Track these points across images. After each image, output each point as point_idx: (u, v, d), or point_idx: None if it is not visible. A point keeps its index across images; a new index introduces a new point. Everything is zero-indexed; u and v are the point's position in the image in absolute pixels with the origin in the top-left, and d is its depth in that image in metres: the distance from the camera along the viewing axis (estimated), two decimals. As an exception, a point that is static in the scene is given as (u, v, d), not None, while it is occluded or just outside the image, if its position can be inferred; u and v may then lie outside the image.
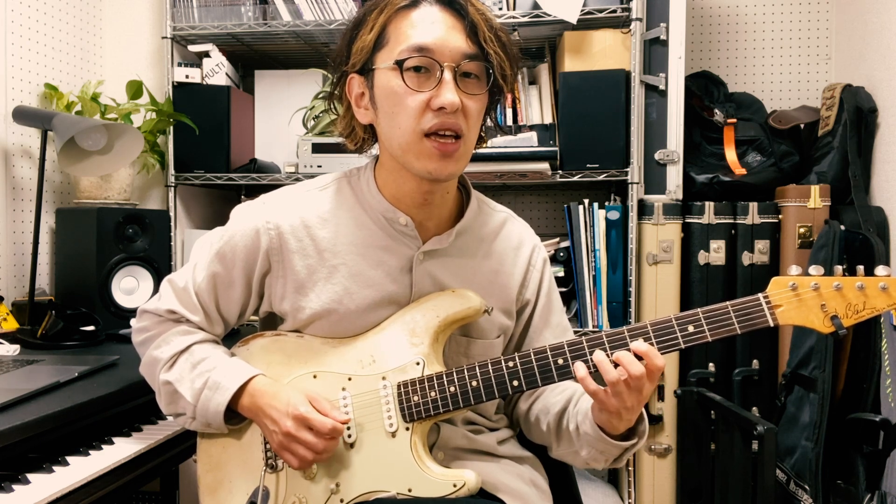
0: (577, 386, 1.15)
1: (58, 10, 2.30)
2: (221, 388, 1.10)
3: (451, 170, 1.07)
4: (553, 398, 1.18)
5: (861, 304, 0.98)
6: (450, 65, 1.03)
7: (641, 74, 2.07)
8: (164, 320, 1.19)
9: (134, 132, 1.98)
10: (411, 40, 1.03)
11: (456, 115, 1.03)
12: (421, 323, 1.10)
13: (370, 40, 1.06)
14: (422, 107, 1.03)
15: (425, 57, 1.03)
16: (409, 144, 1.05)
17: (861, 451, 1.81)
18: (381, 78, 1.06)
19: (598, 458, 1.09)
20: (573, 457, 1.14)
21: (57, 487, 1.08)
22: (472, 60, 1.05)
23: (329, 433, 1.03)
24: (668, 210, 2.08)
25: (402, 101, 1.04)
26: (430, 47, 1.03)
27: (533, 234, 1.27)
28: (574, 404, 1.13)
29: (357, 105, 1.13)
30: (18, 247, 2.13)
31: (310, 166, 2.18)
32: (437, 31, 1.04)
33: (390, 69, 1.04)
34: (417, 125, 1.04)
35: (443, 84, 1.02)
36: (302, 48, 2.37)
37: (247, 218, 1.15)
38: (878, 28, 2.11)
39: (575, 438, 1.10)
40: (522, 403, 1.23)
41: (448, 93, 1.02)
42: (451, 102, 1.02)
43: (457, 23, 1.05)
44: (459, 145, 1.06)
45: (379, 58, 1.07)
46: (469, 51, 1.04)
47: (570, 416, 1.12)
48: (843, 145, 2.10)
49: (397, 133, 1.06)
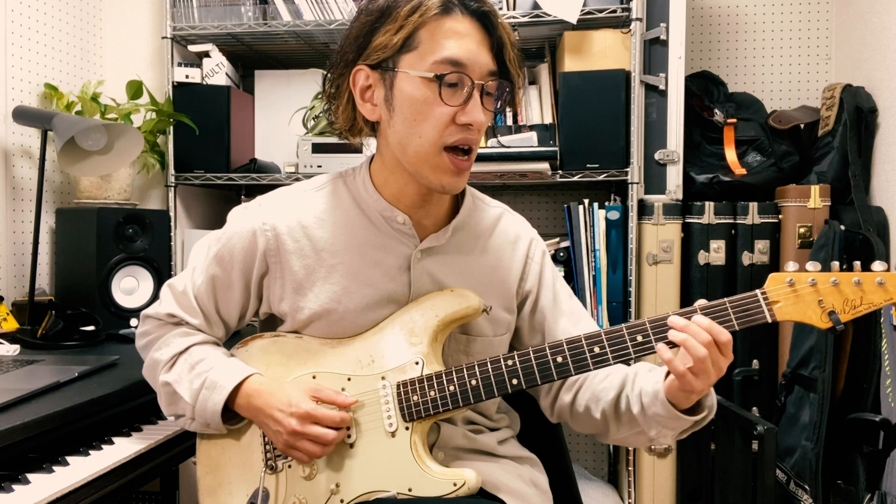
0: (626, 370, 1.14)
1: (58, 10, 2.31)
2: (218, 387, 1.10)
3: (462, 184, 1.10)
4: (599, 385, 1.16)
5: (858, 299, 0.98)
6: (479, 83, 1.03)
7: (641, 74, 2.07)
8: (164, 324, 1.20)
9: (134, 132, 1.98)
10: (446, 52, 1.02)
11: (478, 131, 1.05)
12: (420, 322, 1.10)
13: (398, 40, 1.03)
14: (447, 121, 1.03)
15: (460, 73, 1.02)
16: (426, 155, 1.05)
17: (861, 451, 1.81)
18: (406, 83, 1.04)
19: (667, 434, 1.08)
20: (636, 437, 1.12)
21: (57, 487, 1.08)
22: (495, 80, 1.05)
23: (339, 423, 1.04)
24: (668, 210, 2.08)
25: (429, 111, 1.03)
26: (465, 62, 1.02)
27: (529, 228, 1.27)
28: (631, 387, 1.11)
29: (362, 98, 1.10)
30: (18, 247, 2.13)
31: (310, 166, 2.18)
32: (470, 45, 1.03)
33: (425, 78, 1.02)
34: (440, 138, 1.04)
35: (472, 101, 1.03)
36: (302, 48, 2.37)
37: (243, 220, 1.16)
38: (878, 28, 2.11)
39: (641, 420, 1.08)
40: (565, 395, 1.20)
41: (478, 112, 1.03)
42: (480, 122, 1.03)
43: (484, 38, 1.04)
44: (471, 160, 1.08)
45: (405, 60, 1.04)
46: (493, 68, 1.05)
47: (631, 400, 1.09)
48: (843, 145, 2.10)
49: (416, 141, 1.05)
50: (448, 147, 1.05)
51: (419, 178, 1.08)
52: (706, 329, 0.97)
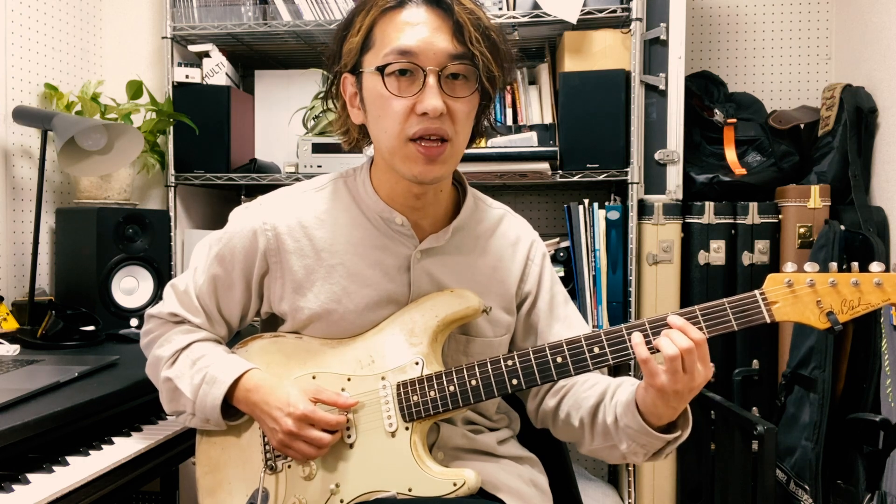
0: (610, 380, 1.14)
1: (58, 10, 2.31)
2: (218, 381, 1.10)
3: (436, 173, 1.06)
4: (584, 393, 1.15)
5: (856, 299, 0.98)
6: (433, 69, 1.02)
7: (641, 74, 2.07)
8: (166, 322, 1.20)
9: (134, 132, 1.98)
10: (394, 43, 1.02)
11: (441, 119, 1.02)
12: (420, 323, 1.10)
13: (357, 42, 1.06)
14: (406, 112, 1.03)
15: (409, 62, 1.02)
16: (395, 148, 1.05)
17: (861, 451, 1.81)
18: (367, 81, 1.06)
19: (637, 451, 1.06)
20: (609, 451, 1.11)
21: (57, 487, 1.08)
22: (458, 62, 1.03)
23: (335, 427, 1.05)
24: (668, 210, 2.08)
25: (387, 105, 1.03)
26: (414, 51, 1.02)
27: (530, 229, 1.27)
28: (610, 397, 1.10)
29: (351, 105, 1.13)
30: (18, 247, 2.13)
31: (310, 166, 2.18)
32: (422, 33, 1.02)
33: (375, 73, 1.04)
34: (402, 130, 1.03)
35: (426, 89, 1.01)
36: (302, 48, 2.37)
37: (244, 220, 1.16)
38: (878, 28, 2.11)
39: (613, 432, 1.08)
40: (550, 400, 1.20)
41: (431, 98, 1.01)
42: (434, 108, 1.01)
43: (443, 23, 1.03)
44: (445, 148, 1.05)
45: (366, 60, 1.06)
46: (455, 51, 1.03)
47: (607, 410, 1.09)
48: (843, 145, 2.10)
49: (384, 136, 1.06)
50: (413, 138, 1.03)
51: (397, 171, 1.08)
52: (680, 328, 0.97)
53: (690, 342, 0.96)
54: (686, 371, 0.96)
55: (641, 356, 0.98)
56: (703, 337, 0.97)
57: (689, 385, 0.97)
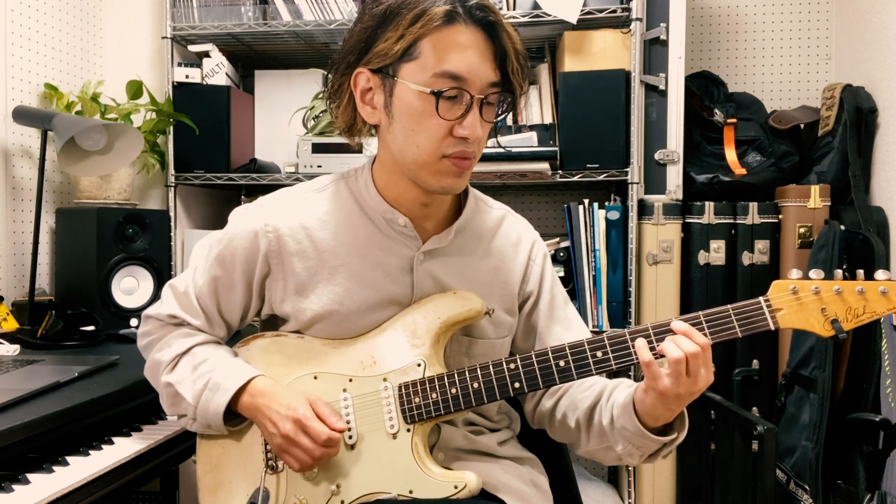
0: (607, 381, 1.15)
1: (58, 10, 2.30)
2: (221, 389, 1.10)
3: (463, 184, 1.10)
4: (581, 394, 1.16)
5: (861, 308, 0.98)
6: (478, 97, 1.02)
7: (641, 74, 2.07)
8: (165, 324, 1.20)
9: (134, 132, 1.98)
10: (445, 66, 1.01)
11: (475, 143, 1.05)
12: (422, 324, 1.10)
13: (399, 49, 1.01)
14: (445, 133, 1.03)
15: (459, 88, 1.01)
16: (426, 163, 1.05)
17: (861, 451, 1.81)
18: (405, 92, 1.03)
19: (633, 453, 1.06)
20: (605, 453, 1.12)
21: (57, 487, 1.08)
22: (496, 91, 1.05)
23: (325, 443, 1.02)
24: (668, 210, 2.08)
25: (426, 123, 1.03)
26: (465, 76, 1.01)
27: (532, 230, 1.27)
28: (607, 399, 1.11)
29: (362, 100, 1.09)
30: (18, 247, 2.12)
31: (310, 166, 2.18)
32: (471, 58, 1.01)
33: (422, 93, 1.02)
34: (437, 149, 1.04)
35: (471, 116, 1.02)
36: (302, 48, 2.37)
37: (245, 221, 1.15)
38: (878, 28, 2.11)
39: (609, 433, 1.08)
40: (547, 401, 1.21)
41: (476, 127, 1.03)
42: (478, 137, 1.03)
43: (488, 47, 1.03)
44: (472, 162, 1.08)
45: (405, 70, 1.03)
46: (495, 80, 1.04)
47: (604, 411, 1.10)
48: (843, 145, 2.10)
49: (414, 150, 1.05)
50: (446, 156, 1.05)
51: (419, 182, 1.08)
52: (684, 333, 0.97)
53: (696, 346, 0.96)
54: (690, 375, 0.96)
55: (644, 359, 0.98)
56: (708, 342, 0.98)
57: (690, 389, 0.97)
